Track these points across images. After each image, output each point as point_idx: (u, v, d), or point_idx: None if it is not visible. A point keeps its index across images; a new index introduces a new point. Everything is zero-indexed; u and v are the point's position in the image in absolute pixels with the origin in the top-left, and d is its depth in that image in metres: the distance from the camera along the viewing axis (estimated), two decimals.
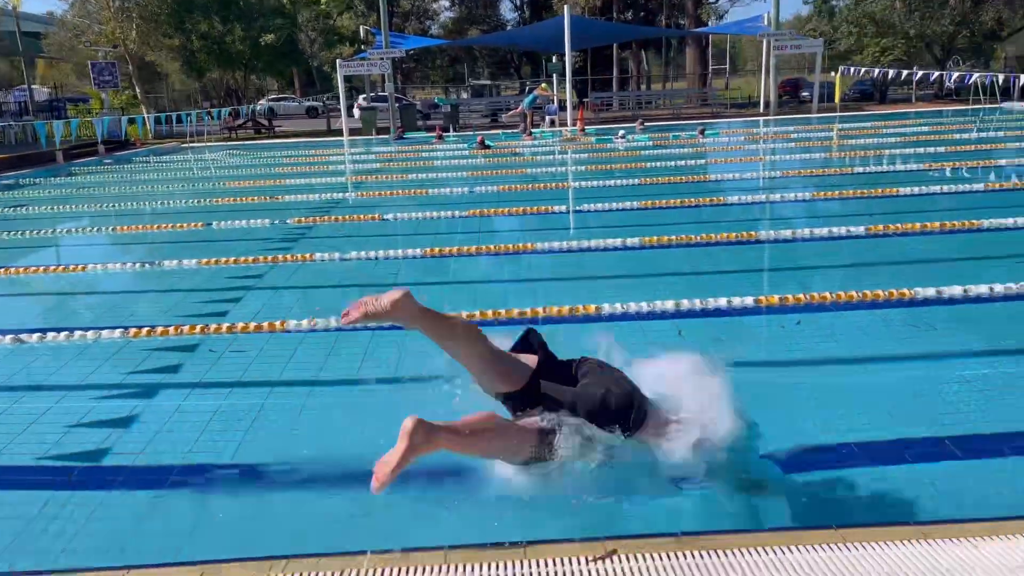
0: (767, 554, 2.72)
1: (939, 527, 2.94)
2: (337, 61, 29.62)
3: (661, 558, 2.73)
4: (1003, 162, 13.85)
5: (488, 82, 50.18)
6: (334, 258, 8.48)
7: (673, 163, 15.59)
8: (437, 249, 8.62)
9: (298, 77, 51.52)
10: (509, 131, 25.92)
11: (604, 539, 2.91)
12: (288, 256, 8.67)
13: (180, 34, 33.70)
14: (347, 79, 30.44)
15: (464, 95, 44.97)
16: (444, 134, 25.38)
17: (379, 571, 2.79)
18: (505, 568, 2.72)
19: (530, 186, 13.58)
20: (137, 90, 35.92)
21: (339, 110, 30.56)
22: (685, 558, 2.71)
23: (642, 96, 40.21)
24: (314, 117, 43.08)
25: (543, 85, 25.18)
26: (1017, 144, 16.03)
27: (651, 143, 20.24)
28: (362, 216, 11.13)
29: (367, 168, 18.20)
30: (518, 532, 3.04)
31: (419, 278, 7.84)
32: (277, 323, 6.12)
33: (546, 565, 2.72)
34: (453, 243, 8.94)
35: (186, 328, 6.10)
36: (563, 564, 2.72)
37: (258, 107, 37.10)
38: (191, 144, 27.41)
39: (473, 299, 6.77)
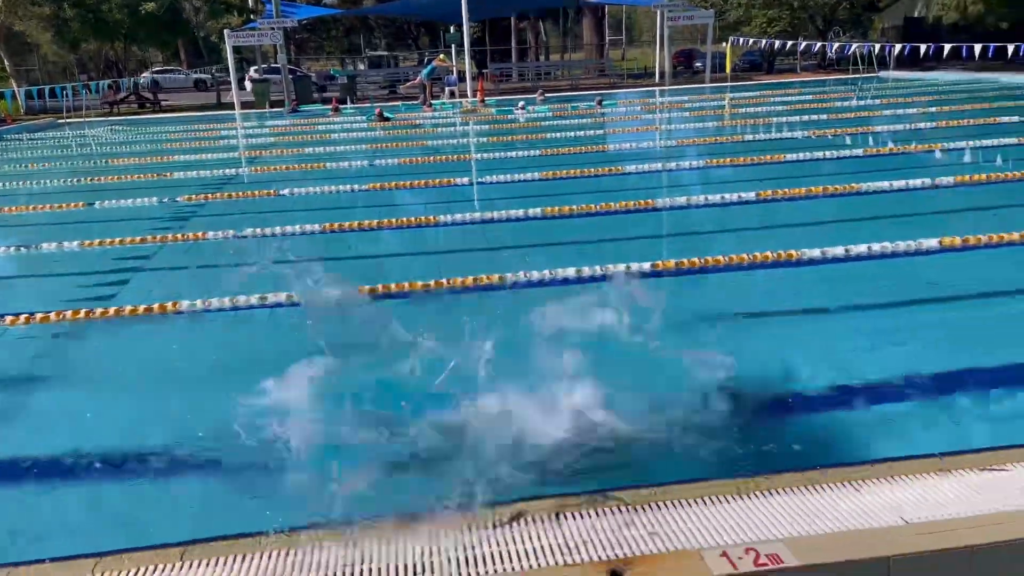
0: (673, 508, 2.82)
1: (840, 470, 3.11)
2: (225, 31, 28.36)
3: (568, 517, 2.79)
4: (880, 128, 14.60)
5: (385, 53, 49.09)
6: (228, 236, 8.18)
7: (573, 134, 15.72)
8: (337, 224, 8.43)
9: (184, 48, 49.06)
10: (409, 103, 25.52)
11: (511, 502, 2.95)
12: (179, 235, 8.30)
13: (51, 2, 31.45)
14: (237, 50, 29.22)
15: (361, 66, 43.91)
16: (341, 106, 24.75)
17: (283, 552, 2.73)
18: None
19: (431, 158, 13.44)
20: (6, 63, 33.39)
21: (229, 83, 29.31)
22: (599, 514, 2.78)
23: (541, 67, 40.30)
24: (203, 90, 41.18)
25: (441, 56, 24.89)
26: (893, 111, 16.92)
27: (551, 114, 20.34)
28: (257, 192, 10.76)
29: (261, 143, 17.58)
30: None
31: (319, 254, 7.65)
32: (169, 304, 5.86)
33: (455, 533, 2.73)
34: (354, 217, 8.76)
35: (69, 313, 5.77)
36: (472, 531, 2.74)
37: (141, 80, 35.17)
38: (68, 120, 25.76)
39: (377, 273, 6.66)
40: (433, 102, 24.35)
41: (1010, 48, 20.76)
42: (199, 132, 19.89)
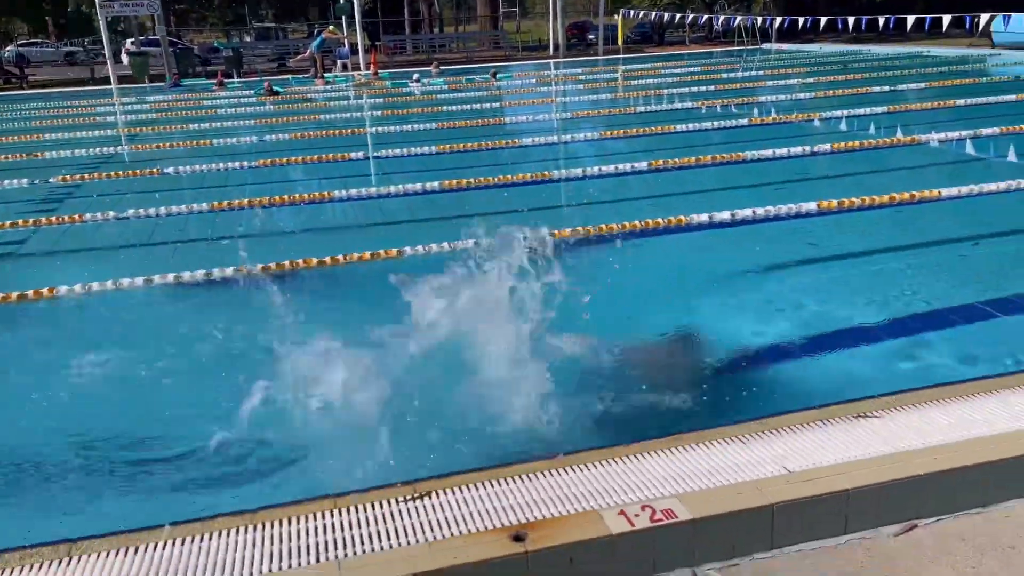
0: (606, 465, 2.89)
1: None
2: (97, 1, 26.65)
3: (471, 489, 2.82)
4: (764, 99, 15.18)
5: (273, 25, 47.33)
6: (108, 217, 7.76)
7: (469, 106, 15.65)
8: (227, 202, 8.13)
9: (52, 20, 45.81)
10: (299, 76, 24.75)
11: (415, 481, 2.95)
12: (53, 218, 7.82)
13: None
14: (111, 22, 27.53)
15: (247, 39, 42.23)
16: (226, 80, 23.76)
17: (180, 542, 2.66)
18: (314, 519, 2.69)
19: (324, 132, 13.12)
20: None
21: (104, 56, 27.61)
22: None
23: (435, 39, 39.83)
24: (75, 64, 38.64)
25: (331, 27, 24.16)
26: (775, 82, 17.62)
27: (446, 87, 20.16)
28: (138, 171, 10.25)
29: (141, 119, 16.70)
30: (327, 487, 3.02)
31: (209, 233, 7.38)
32: (44, 291, 5.53)
33: (357, 511, 2.72)
34: (244, 195, 8.47)
35: None
36: (374, 508, 2.73)
37: (5, 54, 32.70)
38: None
39: (271, 251, 6.47)
40: (326, 75, 23.70)
41: (881, 21, 21.89)
42: (73, 109, 18.68)
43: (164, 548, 2.62)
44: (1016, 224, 6.57)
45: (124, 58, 29.52)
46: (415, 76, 21.69)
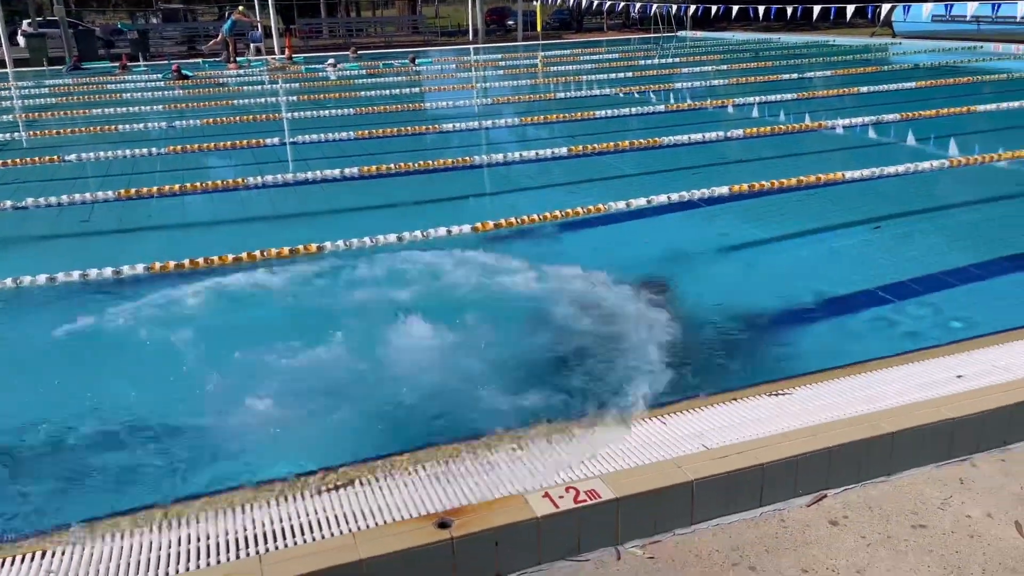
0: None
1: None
2: None
3: (393, 476, 2.80)
4: (680, 85, 15.48)
5: (181, 6, 45.51)
6: (5, 207, 7.35)
7: (388, 92, 15.44)
8: (134, 190, 7.80)
9: None
10: (211, 60, 23.90)
11: (337, 468, 2.91)
12: None
13: None
14: (6, 1, 25.96)
15: (154, 20, 40.51)
16: (131, 64, 22.76)
17: (90, 542, 2.55)
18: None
19: (238, 118, 12.72)
20: None
21: None
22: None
23: (353, 24, 39.04)
24: None
25: (240, 9, 23.35)
26: (691, 69, 17.99)
27: (364, 72, 19.83)
28: (37, 159, 9.72)
29: (40, 104, 15.82)
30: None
31: (115, 224, 7.08)
32: None
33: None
34: (152, 183, 8.14)
35: None
36: (295, 500, 2.68)
37: None
38: None
39: (182, 243, 6.25)
40: (238, 59, 22.97)
41: (789, 10, 22.58)
42: None
43: (70, 552, 2.50)
44: (914, 206, 6.89)
45: (20, 40, 27.91)
46: (330, 60, 21.24)
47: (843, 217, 6.60)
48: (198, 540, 2.52)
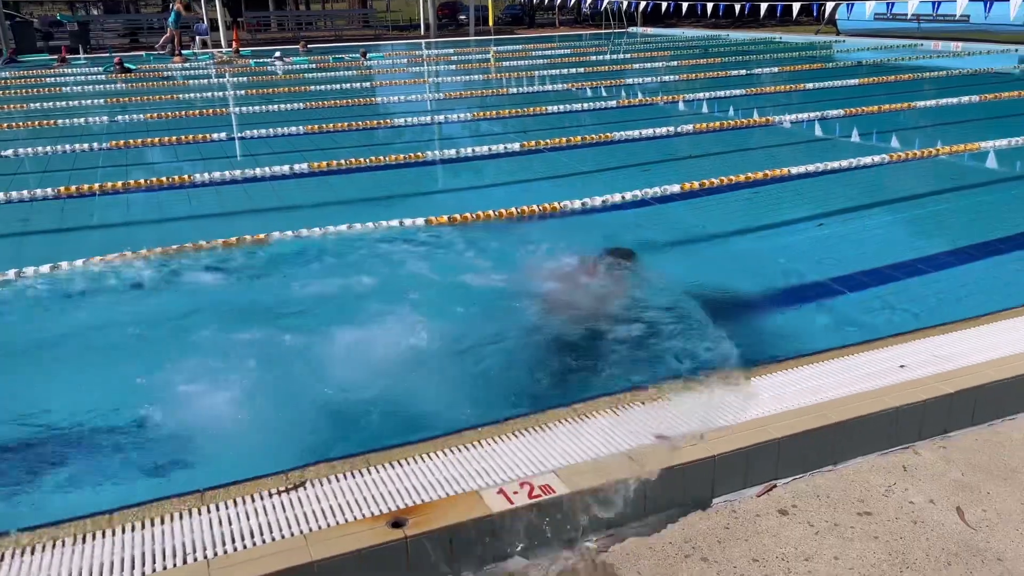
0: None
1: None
2: None
3: (347, 477, 2.76)
4: (631, 81, 15.61)
5: None
6: None
7: (339, 86, 15.25)
8: (75, 188, 7.57)
9: None
10: (155, 53, 23.32)
11: (287, 471, 2.86)
12: None
13: None
14: None
15: (95, 12, 39.37)
16: (70, 56, 22.07)
17: (34, 547, 2.46)
18: (185, 517, 2.56)
19: (184, 113, 12.42)
20: None
21: None
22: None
23: (302, 17, 38.48)
24: None
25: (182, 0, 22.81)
26: (642, 65, 18.14)
27: (313, 66, 19.56)
28: None
29: None
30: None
31: (56, 223, 6.86)
32: None
33: (227, 507, 2.61)
34: (95, 179, 7.91)
35: None
36: (244, 503, 2.63)
37: None
38: None
39: (127, 239, 6.07)
40: (184, 52, 22.46)
41: (737, 7, 22.92)
42: None
43: (10, 560, 2.41)
44: (858, 201, 7.05)
45: None
46: (277, 53, 20.90)
47: (790, 212, 6.73)
48: (143, 546, 2.45)
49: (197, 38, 25.32)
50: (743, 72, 16.15)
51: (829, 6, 22.89)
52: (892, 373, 3.40)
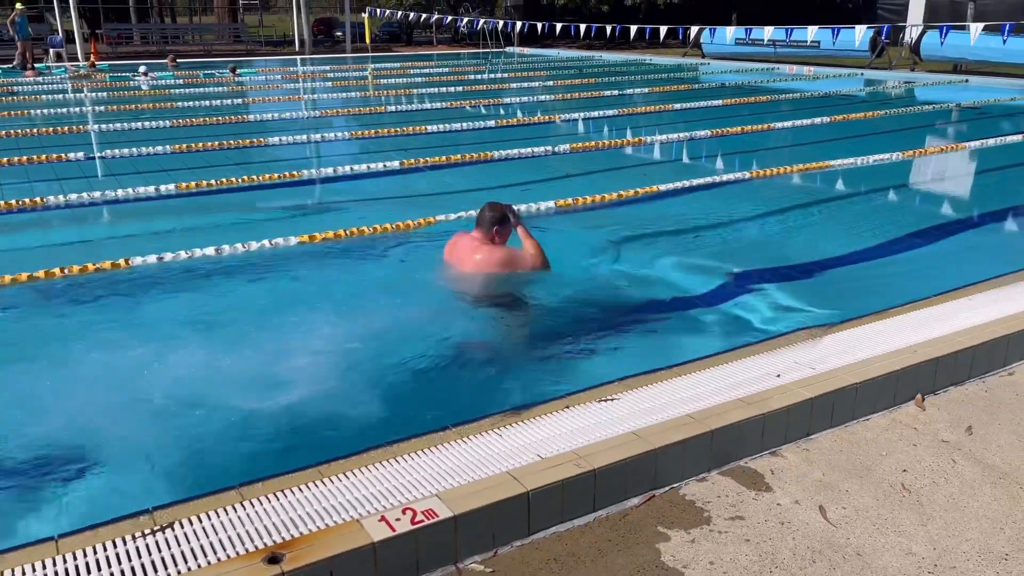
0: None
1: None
2: None
3: (220, 514, 2.63)
4: (509, 100, 15.83)
5: None
6: None
7: (207, 103, 14.70)
8: None
9: None
10: (3, 66, 21.75)
11: (154, 510, 2.70)
12: None
13: None
14: None
15: None
16: None
17: None
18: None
19: (35, 131, 11.63)
20: None
21: None
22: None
23: (168, 30, 36.91)
24: None
25: (19, 5, 21.35)
26: (520, 84, 18.44)
27: (180, 81, 18.78)
28: None
29: None
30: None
31: None
32: None
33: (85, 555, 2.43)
34: None
35: None
36: (106, 548, 2.45)
37: None
38: None
39: None
40: (37, 65, 21.06)
41: (609, 29, 23.72)
42: None
43: None
44: (719, 217, 7.38)
45: None
46: (142, 68, 19.95)
47: (661, 226, 6.97)
48: None
49: (51, 50, 23.82)
50: (616, 92, 16.70)
51: (694, 30, 24.07)
52: (764, 380, 3.57)
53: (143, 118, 12.79)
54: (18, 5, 21.63)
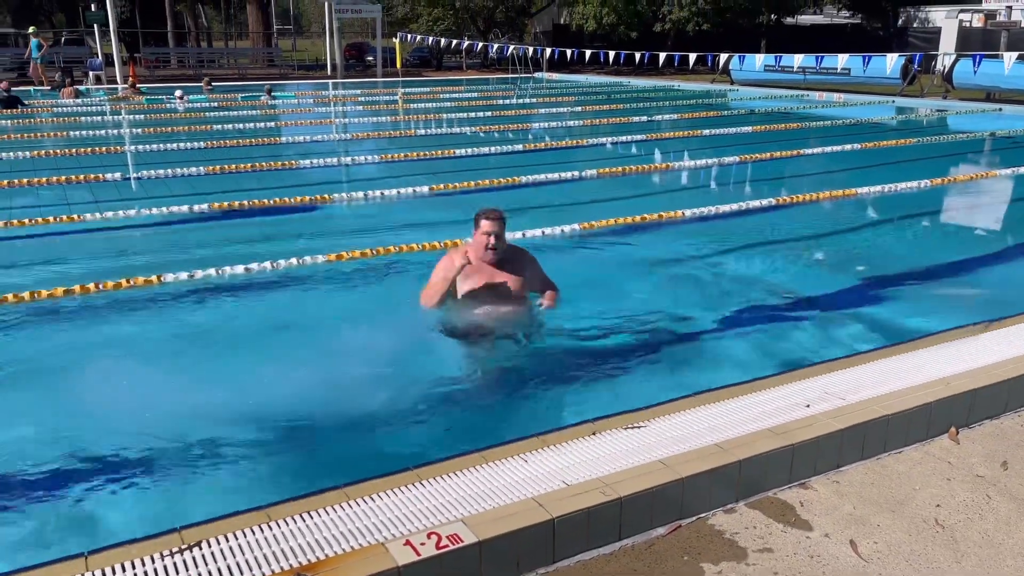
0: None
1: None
2: None
3: (247, 534, 2.65)
4: (538, 125, 15.92)
5: (12, 31, 42.38)
6: None
7: (243, 125, 14.95)
8: None
9: None
10: (43, 89, 22.33)
11: (182, 529, 2.72)
12: None
13: None
14: None
15: None
16: None
17: None
18: None
19: (75, 151, 11.89)
20: None
21: None
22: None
23: (204, 54, 37.72)
24: None
25: (31, 28, 21.99)
26: (548, 109, 18.55)
27: (215, 104, 19.14)
28: None
29: None
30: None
31: None
32: None
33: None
34: None
35: None
36: (135, 567, 2.48)
37: None
38: None
39: (6, 285, 5.73)
40: (79, 88, 21.60)
41: (638, 56, 23.83)
42: None
43: None
44: (749, 243, 7.32)
45: None
46: (178, 92, 20.35)
47: (685, 252, 6.93)
48: None
49: (91, 74, 24.42)
50: (644, 119, 16.73)
51: (723, 57, 24.10)
52: (792, 411, 3.52)
53: (179, 140, 13.04)
54: (31, 29, 22.27)
